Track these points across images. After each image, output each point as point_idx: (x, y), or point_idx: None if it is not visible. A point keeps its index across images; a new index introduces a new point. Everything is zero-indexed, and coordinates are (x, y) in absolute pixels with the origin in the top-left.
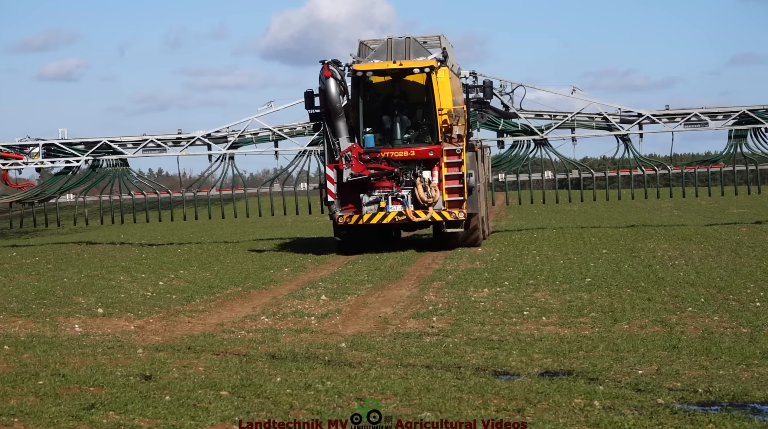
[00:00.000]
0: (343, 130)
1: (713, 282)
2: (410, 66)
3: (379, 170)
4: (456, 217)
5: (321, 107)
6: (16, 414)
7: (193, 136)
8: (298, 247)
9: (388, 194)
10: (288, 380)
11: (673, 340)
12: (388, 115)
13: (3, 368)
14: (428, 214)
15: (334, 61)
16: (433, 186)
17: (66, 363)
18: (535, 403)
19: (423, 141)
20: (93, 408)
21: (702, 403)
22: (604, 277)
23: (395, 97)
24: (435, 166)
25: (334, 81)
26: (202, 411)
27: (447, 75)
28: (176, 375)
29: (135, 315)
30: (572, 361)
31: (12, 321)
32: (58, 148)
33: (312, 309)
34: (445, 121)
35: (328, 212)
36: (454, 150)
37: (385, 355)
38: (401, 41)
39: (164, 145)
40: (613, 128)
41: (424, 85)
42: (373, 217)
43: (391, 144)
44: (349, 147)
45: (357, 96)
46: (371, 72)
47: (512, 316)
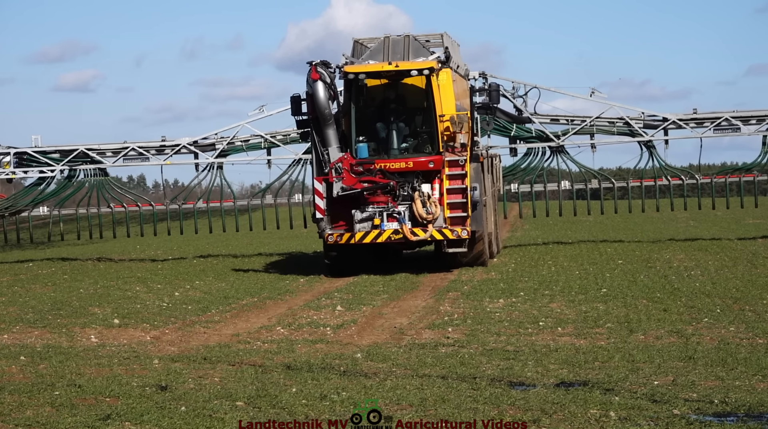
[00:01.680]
0: (333, 138)
1: (729, 293)
2: (407, 68)
3: (373, 183)
4: (458, 235)
5: (308, 113)
6: (32, 425)
7: (178, 144)
8: (312, 259)
9: (383, 210)
10: (303, 391)
11: (689, 350)
12: (383, 123)
13: (19, 379)
14: (427, 232)
15: (323, 62)
16: (433, 201)
17: (82, 374)
18: (551, 413)
19: (422, 151)
20: (109, 419)
21: (718, 414)
22: (620, 288)
23: (391, 102)
24: (435, 179)
25: (323, 84)
26: (218, 421)
27: (449, 77)
28: (192, 385)
29: (151, 325)
30: (588, 372)
31: (28, 331)
32: (31, 156)
33: (327, 319)
34: (447, 129)
35: (317, 230)
36: (456, 161)
37: (401, 365)
38: (399, 40)
39: (147, 153)
40: (636, 134)
41: (424, 89)
42: (367, 235)
43: (387, 154)
44: (340, 158)
45: (349, 101)
46: (364, 74)
47: (528, 327)
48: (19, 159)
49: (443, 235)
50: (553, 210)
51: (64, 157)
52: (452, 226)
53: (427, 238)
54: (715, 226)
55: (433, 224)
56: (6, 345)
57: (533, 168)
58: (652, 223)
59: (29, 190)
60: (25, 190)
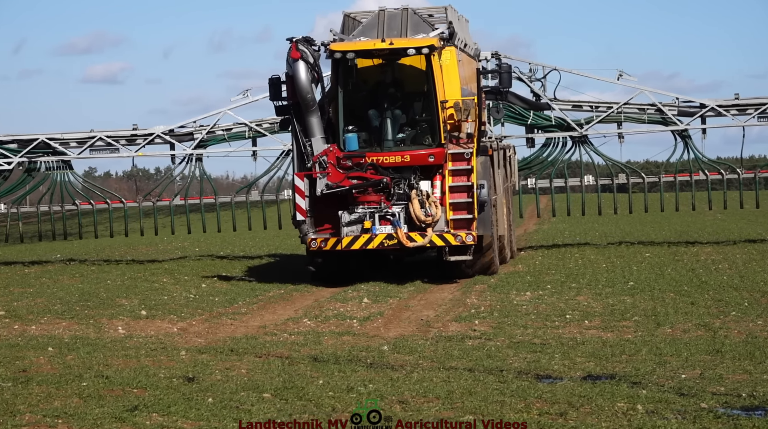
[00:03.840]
0: (318, 128)
1: (757, 286)
2: (404, 46)
3: (364, 180)
4: (463, 240)
5: (289, 98)
6: (60, 415)
7: (151, 133)
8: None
9: (375, 211)
10: (330, 383)
11: (717, 344)
12: (376, 110)
13: (47, 370)
14: (426, 237)
15: (305, 38)
16: (433, 201)
17: (109, 365)
18: (578, 407)
19: (421, 143)
20: (136, 410)
21: (746, 407)
22: (647, 281)
23: (386, 85)
24: (436, 175)
25: (305, 64)
26: (245, 413)
27: (454, 57)
28: (219, 377)
29: (178, 317)
30: (615, 365)
31: (56, 323)
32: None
33: (354, 312)
34: (450, 117)
35: (299, 235)
36: (461, 154)
37: (428, 358)
38: (396, 14)
39: (116, 143)
40: (670, 122)
41: (423, 71)
42: (355, 241)
43: (380, 146)
44: (325, 150)
45: (336, 84)
46: (353, 53)
47: (555, 320)
48: None
49: (445, 241)
50: (576, 207)
51: (22, 147)
52: (455, 230)
53: (425, 245)
54: (742, 218)
55: (433, 228)
56: (34, 336)
57: (552, 160)
58: (679, 216)
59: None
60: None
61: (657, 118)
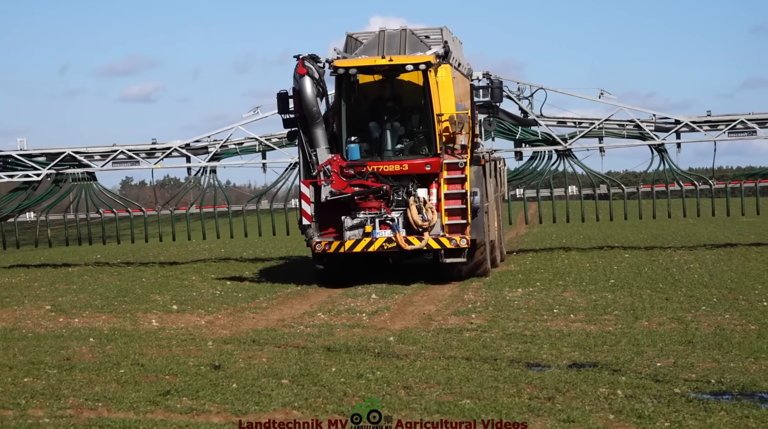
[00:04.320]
0: (322, 139)
1: (725, 283)
2: (402, 62)
3: (365, 187)
4: (457, 244)
5: (295, 111)
6: (100, 399)
7: (169, 147)
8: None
9: (376, 217)
10: (342, 370)
11: (689, 335)
12: (376, 122)
13: (88, 358)
14: (423, 240)
15: (311, 56)
16: (430, 207)
17: (144, 354)
18: (564, 391)
19: (418, 153)
20: (168, 394)
21: (714, 392)
22: (626, 279)
23: (385, 100)
24: (433, 183)
25: (311, 80)
26: (265, 397)
27: (449, 74)
28: (242, 365)
29: (205, 311)
30: (597, 355)
31: (96, 316)
32: (16, 160)
33: (363, 306)
34: (446, 129)
35: (304, 238)
36: (456, 163)
37: (429, 348)
38: (396, 34)
39: (136, 156)
40: (647, 137)
41: (421, 86)
42: (357, 244)
43: (380, 156)
44: (329, 159)
45: (339, 98)
46: (355, 69)
47: (543, 314)
48: (4, 163)
49: (440, 244)
50: (561, 215)
51: (50, 160)
52: (450, 234)
53: (422, 248)
54: (711, 223)
55: (430, 232)
56: (77, 328)
57: (539, 172)
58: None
59: (13, 195)
60: (8, 195)
61: (635, 133)
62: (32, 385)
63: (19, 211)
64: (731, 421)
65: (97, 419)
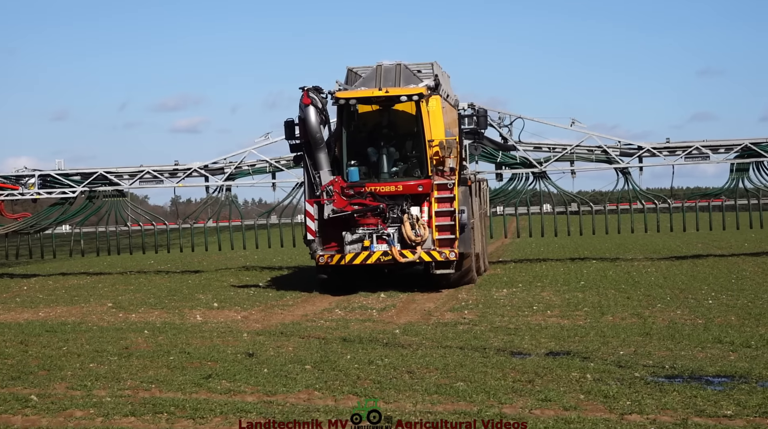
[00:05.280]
0: (325, 162)
1: (677, 285)
2: (397, 94)
3: (364, 206)
4: (447, 257)
5: (301, 137)
6: (153, 382)
7: (189, 168)
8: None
9: (373, 232)
10: (356, 357)
11: (647, 328)
12: (374, 147)
13: (143, 347)
14: (416, 254)
15: (315, 87)
16: (422, 223)
17: (190, 344)
18: (542, 375)
19: (412, 175)
20: (210, 378)
21: (668, 376)
22: (594, 281)
23: (382, 127)
24: (424, 202)
25: (314, 109)
26: (291, 380)
27: (439, 104)
28: (272, 353)
29: (241, 308)
30: (570, 344)
31: (150, 312)
32: (54, 178)
33: (374, 304)
34: (436, 154)
35: (309, 252)
36: (445, 184)
37: (429, 339)
38: (391, 68)
39: (161, 176)
40: (613, 161)
41: (414, 115)
42: (357, 257)
43: (377, 178)
44: (331, 181)
45: (341, 126)
46: (355, 100)
47: (525, 310)
48: (43, 181)
49: (431, 257)
50: (536, 229)
51: (84, 179)
52: (440, 247)
53: (415, 260)
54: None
55: (422, 246)
56: (134, 322)
57: (518, 191)
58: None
59: (51, 209)
60: (47, 209)
61: (603, 157)
62: (96, 370)
63: (57, 223)
64: (682, 400)
65: (150, 398)
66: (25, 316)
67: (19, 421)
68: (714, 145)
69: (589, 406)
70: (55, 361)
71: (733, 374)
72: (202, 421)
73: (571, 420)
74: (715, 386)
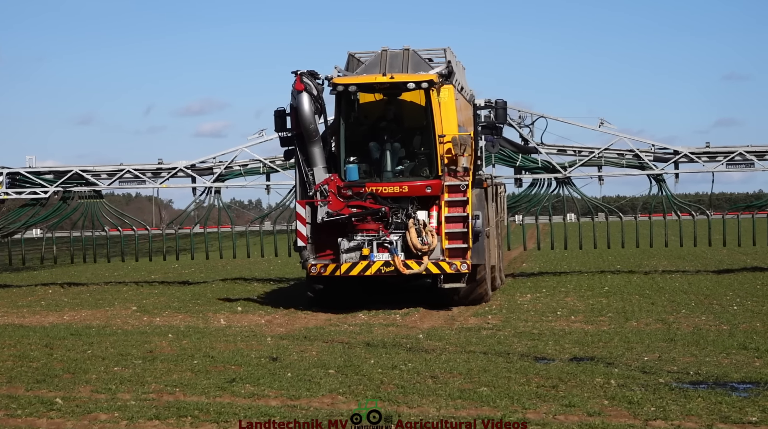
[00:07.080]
0: (319, 158)
1: (702, 291)
2: (404, 80)
3: (363, 209)
4: (457, 269)
5: (293, 129)
6: (177, 385)
7: (174, 167)
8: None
9: (373, 239)
10: (379, 362)
11: (671, 334)
12: (376, 142)
13: (168, 351)
14: (422, 265)
15: (310, 72)
16: (430, 230)
17: (214, 347)
18: (566, 381)
19: (419, 174)
20: (234, 381)
21: (693, 382)
22: (618, 287)
23: (386, 119)
24: (433, 206)
25: (308, 96)
26: (315, 384)
27: (452, 94)
28: (295, 357)
29: (265, 312)
30: (594, 350)
31: (174, 316)
32: (25, 177)
33: (397, 308)
34: (448, 151)
35: (299, 260)
36: (457, 186)
37: (453, 344)
38: (398, 53)
39: (142, 176)
40: (646, 167)
41: (423, 106)
42: (354, 267)
43: (379, 177)
44: (326, 179)
45: (338, 117)
46: (355, 87)
47: (549, 315)
48: (12, 179)
49: (440, 269)
50: (559, 241)
51: (57, 178)
52: (451, 258)
53: (421, 272)
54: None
55: (429, 256)
56: (158, 325)
57: (539, 199)
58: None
59: (21, 211)
60: (16, 211)
61: (634, 162)
62: (121, 373)
63: (26, 226)
64: (707, 406)
65: (174, 402)
66: (50, 320)
67: (44, 424)
68: (760, 151)
69: (613, 411)
70: (79, 365)
71: (758, 381)
72: (226, 425)
73: (595, 426)
74: (740, 392)
